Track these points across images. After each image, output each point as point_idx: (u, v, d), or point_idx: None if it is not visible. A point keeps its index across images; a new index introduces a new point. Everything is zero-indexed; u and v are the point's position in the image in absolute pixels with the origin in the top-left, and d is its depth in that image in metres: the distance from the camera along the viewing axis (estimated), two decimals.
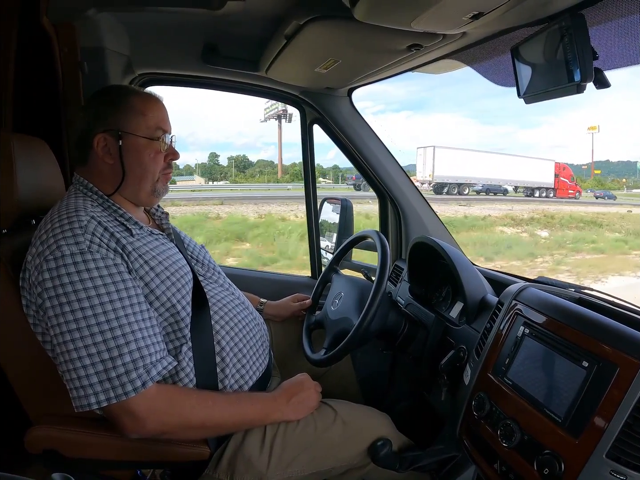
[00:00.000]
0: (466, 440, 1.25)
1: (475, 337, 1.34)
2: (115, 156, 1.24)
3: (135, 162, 1.25)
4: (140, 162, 1.26)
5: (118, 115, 1.24)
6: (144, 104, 1.28)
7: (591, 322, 1.04)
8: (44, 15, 1.46)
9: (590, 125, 77.16)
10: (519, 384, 1.10)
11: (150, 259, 1.19)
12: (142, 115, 1.26)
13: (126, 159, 1.24)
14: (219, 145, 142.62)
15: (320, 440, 1.29)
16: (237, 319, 1.34)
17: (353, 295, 1.63)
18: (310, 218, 2.35)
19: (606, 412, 0.89)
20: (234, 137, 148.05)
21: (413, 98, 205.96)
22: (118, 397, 1.05)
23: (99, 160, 1.24)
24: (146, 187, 1.28)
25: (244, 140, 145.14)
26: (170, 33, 1.72)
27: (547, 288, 1.28)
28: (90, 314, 1.05)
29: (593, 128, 70.66)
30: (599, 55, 1.01)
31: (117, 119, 1.24)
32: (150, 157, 1.27)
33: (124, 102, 1.26)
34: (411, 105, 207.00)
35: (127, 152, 1.24)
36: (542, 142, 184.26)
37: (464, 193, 25.02)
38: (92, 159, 1.26)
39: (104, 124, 1.23)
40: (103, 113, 1.25)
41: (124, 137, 1.23)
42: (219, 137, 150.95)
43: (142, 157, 1.26)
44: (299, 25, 1.38)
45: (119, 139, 1.23)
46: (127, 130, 1.24)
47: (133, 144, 1.25)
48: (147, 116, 1.26)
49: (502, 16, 1.10)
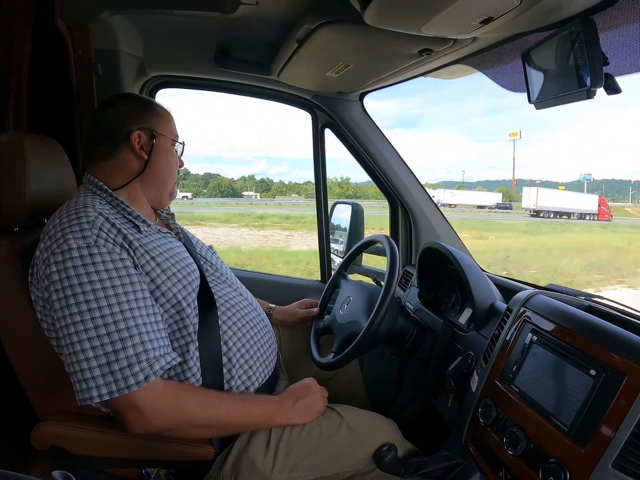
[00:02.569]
0: (472, 447, 1.24)
1: (483, 343, 1.33)
2: (146, 153, 1.30)
3: (164, 161, 1.34)
4: (168, 162, 1.35)
5: (152, 117, 1.32)
6: (166, 112, 1.38)
7: (600, 330, 1.03)
8: (58, 18, 1.48)
9: (511, 132, 77.67)
10: (526, 391, 1.09)
11: (157, 255, 1.21)
12: (167, 122, 1.35)
13: (157, 158, 1.32)
14: (210, 158, 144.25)
15: (325, 445, 1.29)
16: (245, 320, 1.34)
17: (362, 299, 1.62)
18: (320, 222, 2.35)
19: (613, 421, 0.88)
20: (225, 151, 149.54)
21: (404, 115, 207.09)
22: (120, 390, 1.05)
23: (130, 155, 1.29)
24: (168, 188, 1.38)
25: (235, 154, 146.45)
26: (183, 36, 1.73)
27: (557, 295, 1.27)
28: (95, 306, 1.06)
29: (514, 134, 70.40)
30: (609, 60, 1.01)
31: (151, 120, 1.32)
32: (175, 159, 1.38)
33: (152, 106, 1.35)
34: (403, 122, 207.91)
35: (159, 151, 1.32)
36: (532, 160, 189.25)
37: (550, 217, 35.69)
38: (122, 153, 1.29)
39: (139, 122, 1.30)
40: (137, 112, 1.31)
41: (158, 137, 1.31)
42: (210, 149, 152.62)
43: (170, 157, 1.36)
44: (310, 29, 1.39)
45: (152, 137, 1.30)
46: (160, 131, 1.32)
47: (164, 144, 1.34)
48: (170, 123, 1.37)
49: (512, 21, 1.09)
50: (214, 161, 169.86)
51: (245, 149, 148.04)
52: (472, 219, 29.04)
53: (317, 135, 2.23)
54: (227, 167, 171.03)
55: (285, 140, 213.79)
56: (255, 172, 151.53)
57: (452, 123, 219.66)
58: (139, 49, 1.77)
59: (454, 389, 1.37)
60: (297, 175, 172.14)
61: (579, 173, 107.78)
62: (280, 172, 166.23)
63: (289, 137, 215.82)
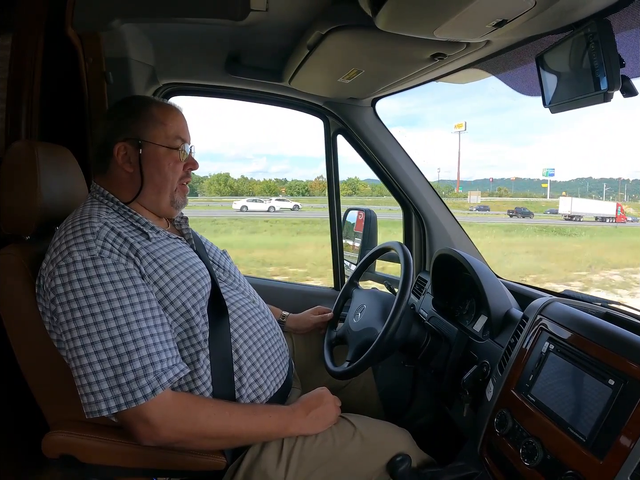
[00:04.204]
0: (487, 457, 1.21)
1: (499, 352, 1.31)
2: (135, 165, 1.26)
3: (154, 170, 1.27)
4: (160, 170, 1.28)
5: (138, 124, 1.26)
6: (164, 113, 1.30)
7: (618, 338, 1.01)
8: (69, 26, 1.49)
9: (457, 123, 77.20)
10: (542, 401, 1.07)
11: (165, 263, 1.19)
12: (161, 125, 1.28)
13: (146, 168, 1.26)
14: (211, 156, 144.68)
15: (338, 456, 1.27)
16: (257, 328, 1.33)
17: (376, 306, 1.61)
18: (333, 229, 2.34)
19: (632, 432, 0.86)
20: (225, 148, 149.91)
21: (406, 114, 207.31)
22: (128, 403, 1.04)
23: (119, 169, 1.27)
24: (165, 197, 1.30)
25: (235, 152, 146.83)
26: (194, 43, 1.73)
27: (573, 302, 1.25)
28: (101, 319, 1.05)
29: (459, 126, 69.82)
30: (625, 62, 0.98)
31: (137, 127, 1.26)
32: (170, 166, 1.29)
33: (144, 111, 1.28)
34: (404, 121, 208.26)
35: (147, 160, 1.26)
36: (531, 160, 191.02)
37: (580, 219, 40.46)
38: (112, 168, 1.28)
39: (124, 133, 1.26)
40: (123, 122, 1.27)
41: (144, 146, 1.26)
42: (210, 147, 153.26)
43: (162, 165, 1.28)
44: (321, 35, 1.38)
45: (138, 147, 1.25)
46: (147, 139, 1.26)
47: (153, 152, 1.27)
48: (167, 126, 1.29)
49: (526, 23, 1.08)
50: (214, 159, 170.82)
51: (244, 146, 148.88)
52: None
53: (330, 141, 2.23)
54: (228, 165, 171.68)
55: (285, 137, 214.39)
56: (256, 170, 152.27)
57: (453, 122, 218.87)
58: (150, 56, 1.78)
59: (469, 399, 1.35)
60: (299, 173, 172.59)
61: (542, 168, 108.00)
62: (281, 170, 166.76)
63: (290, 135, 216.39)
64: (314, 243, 16.22)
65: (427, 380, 1.79)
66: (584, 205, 44.99)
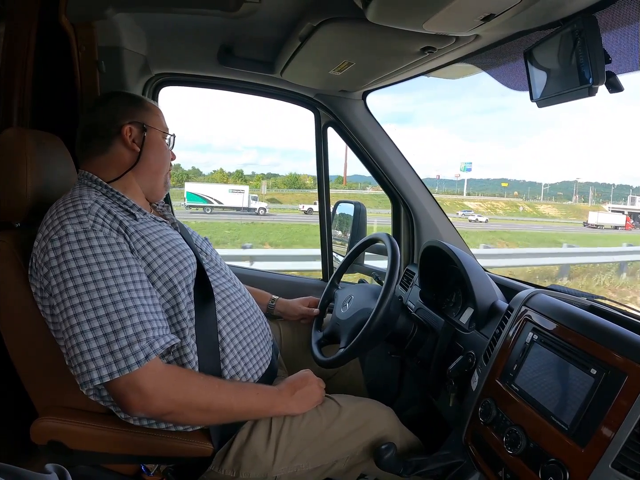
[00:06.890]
0: (471, 446, 1.23)
1: (484, 342, 1.33)
2: (138, 146, 1.33)
3: (157, 153, 1.38)
4: (160, 154, 1.40)
5: (142, 112, 1.37)
6: (155, 107, 1.43)
7: (601, 329, 1.02)
8: (62, 15, 1.49)
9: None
10: (526, 390, 1.09)
11: (153, 241, 1.22)
12: (155, 116, 1.38)
13: (149, 150, 1.36)
14: (200, 147, 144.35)
15: (325, 434, 1.31)
16: (240, 311, 1.36)
17: (364, 292, 1.64)
18: (322, 221, 2.35)
19: (613, 421, 0.88)
20: (214, 139, 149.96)
21: (399, 110, 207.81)
22: (121, 370, 1.04)
23: (123, 149, 1.32)
24: (161, 179, 1.42)
25: (224, 142, 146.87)
26: (186, 34, 1.73)
27: (559, 295, 1.27)
28: (93, 288, 1.06)
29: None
30: (611, 58, 1.00)
31: (141, 114, 1.36)
32: (167, 151, 1.42)
33: (142, 102, 1.40)
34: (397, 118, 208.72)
35: (151, 143, 1.36)
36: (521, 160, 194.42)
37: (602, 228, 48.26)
38: (115, 148, 1.32)
39: (130, 117, 1.34)
40: (127, 107, 1.35)
41: (149, 130, 1.36)
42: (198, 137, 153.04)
43: (162, 149, 1.40)
44: (312, 27, 1.38)
45: (143, 131, 1.35)
46: (150, 125, 1.37)
47: (155, 137, 1.38)
48: (159, 117, 1.41)
49: (514, 18, 1.09)
50: (203, 150, 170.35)
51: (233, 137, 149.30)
52: None
53: (320, 134, 2.23)
54: (217, 156, 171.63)
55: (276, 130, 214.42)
56: (246, 162, 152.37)
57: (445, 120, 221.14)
58: (143, 46, 1.77)
59: (455, 388, 1.37)
60: (292, 166, 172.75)
61: (460, 162, 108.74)
62: (271, 162, 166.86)
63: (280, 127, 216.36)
64: None
65: (413, 371, 1.80)
66: (605, 217, 56.84)
